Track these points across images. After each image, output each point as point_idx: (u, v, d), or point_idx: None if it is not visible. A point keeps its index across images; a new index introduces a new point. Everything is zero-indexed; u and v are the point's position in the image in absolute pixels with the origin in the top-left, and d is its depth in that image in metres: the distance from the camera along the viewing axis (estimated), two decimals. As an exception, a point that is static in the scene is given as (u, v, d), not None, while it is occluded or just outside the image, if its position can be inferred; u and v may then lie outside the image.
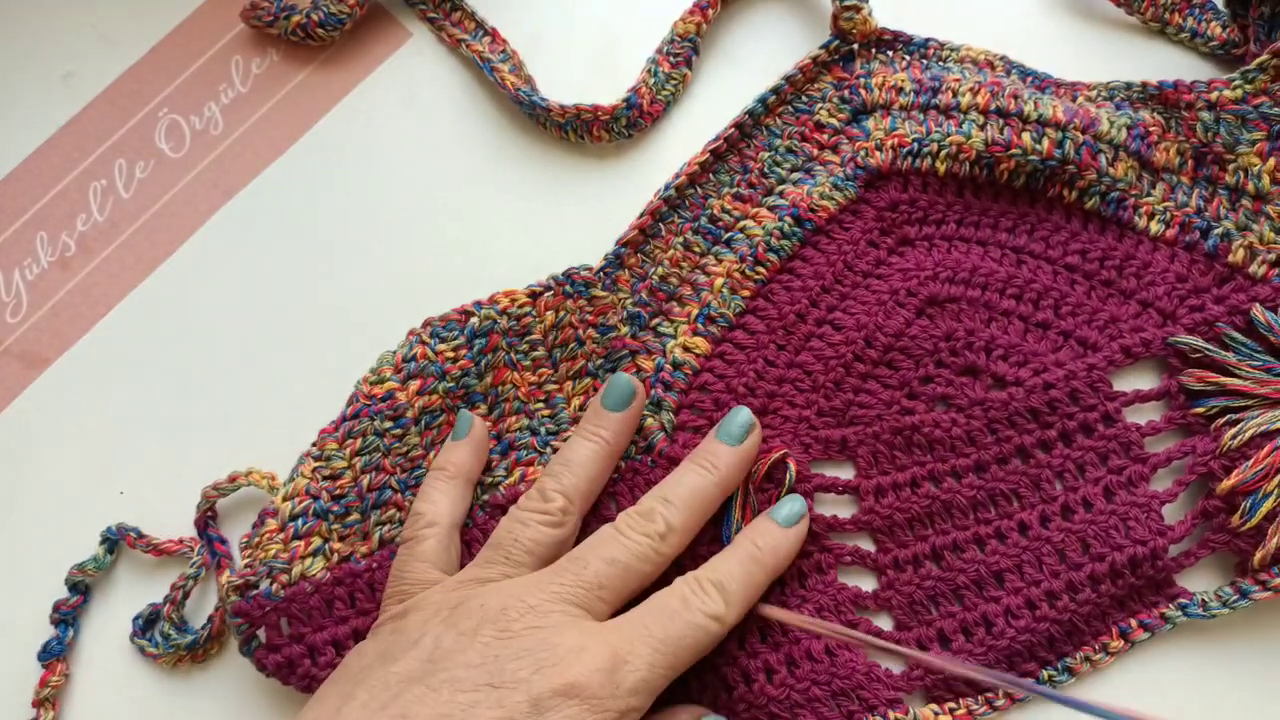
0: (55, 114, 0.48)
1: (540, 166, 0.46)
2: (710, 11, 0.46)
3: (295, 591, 0.38)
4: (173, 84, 0.48)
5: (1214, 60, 0.46)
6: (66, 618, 0.40)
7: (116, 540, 0.41)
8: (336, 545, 0.39)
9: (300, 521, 0.39)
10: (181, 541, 0.41)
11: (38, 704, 0.39)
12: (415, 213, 0.46)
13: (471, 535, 0.40)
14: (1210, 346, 0.40)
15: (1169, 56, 0.46)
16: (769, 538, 0.38)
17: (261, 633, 0.38)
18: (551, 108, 0.45)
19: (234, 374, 0.44)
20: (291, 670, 0.38)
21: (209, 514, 0.41)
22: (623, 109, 0.45)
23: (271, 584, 0.38)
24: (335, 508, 0.39)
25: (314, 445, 0.40)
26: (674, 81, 0.46)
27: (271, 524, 0.39)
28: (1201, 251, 0.42)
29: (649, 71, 0.46)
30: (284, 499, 0.39)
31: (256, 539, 0.39)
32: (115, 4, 0.49)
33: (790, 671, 0.37)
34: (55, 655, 0.40)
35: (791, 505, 0.39)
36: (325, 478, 0.40)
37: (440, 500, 0.39)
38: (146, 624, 0.40)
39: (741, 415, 0.39)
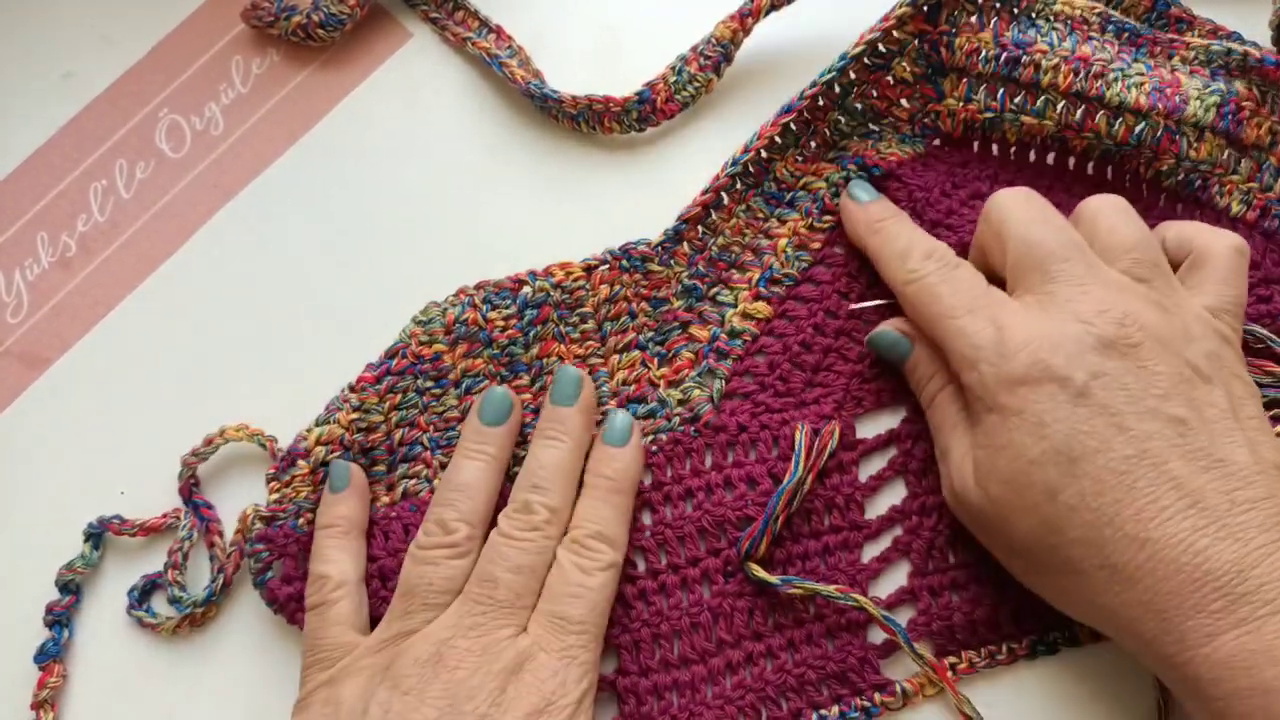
0: (55, 114, 0.48)
1: (542, 165, 0.46)
2: (749, 20, 0.45)
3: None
4: (173, 84, 0.48)
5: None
6: (60, 619, 0.40)
7: (101, 533, 0.41)
8: None
9: None
10: (166, 515, 0.41)
11: (36, 706, 0.39)
12: (416, 212, 0.45)
13: None
14: (1275, 338, 0.39)
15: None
16: (615, 463, 0.39)
17: (276, 567, 0.39)
18: (564, 99, 0.45)
19: (234, 374, 0.44)
20: (300, 605, 0.38)
21: (192, 481, 0.41)
22: (634, 102, 0.45)
23: (298, 519, 0.39)
24: (363, 460, 0.40)
25: (352, 391, 0.41)
26: (696, 84, 0.45)
27: (303, 465, 0.40)
28: (1278, 241, 0.41)
29: (673, 69, 0.45)
30: (317, 442, 0.40)
31: (286, 478, 0.40)
32: (115, 4, 0.49)
33: (790, 656, 0.38)
34: (51, 657, 0.40)
35: (617, 421, 0.40)
36: (360, 430, 0.40)
37: (341, 559, 0.38)
38: (142, 595, 0.41)
39: (569, 374, 0.40)
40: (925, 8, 0.43)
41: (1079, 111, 0.41)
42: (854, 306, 0.41)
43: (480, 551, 0.37)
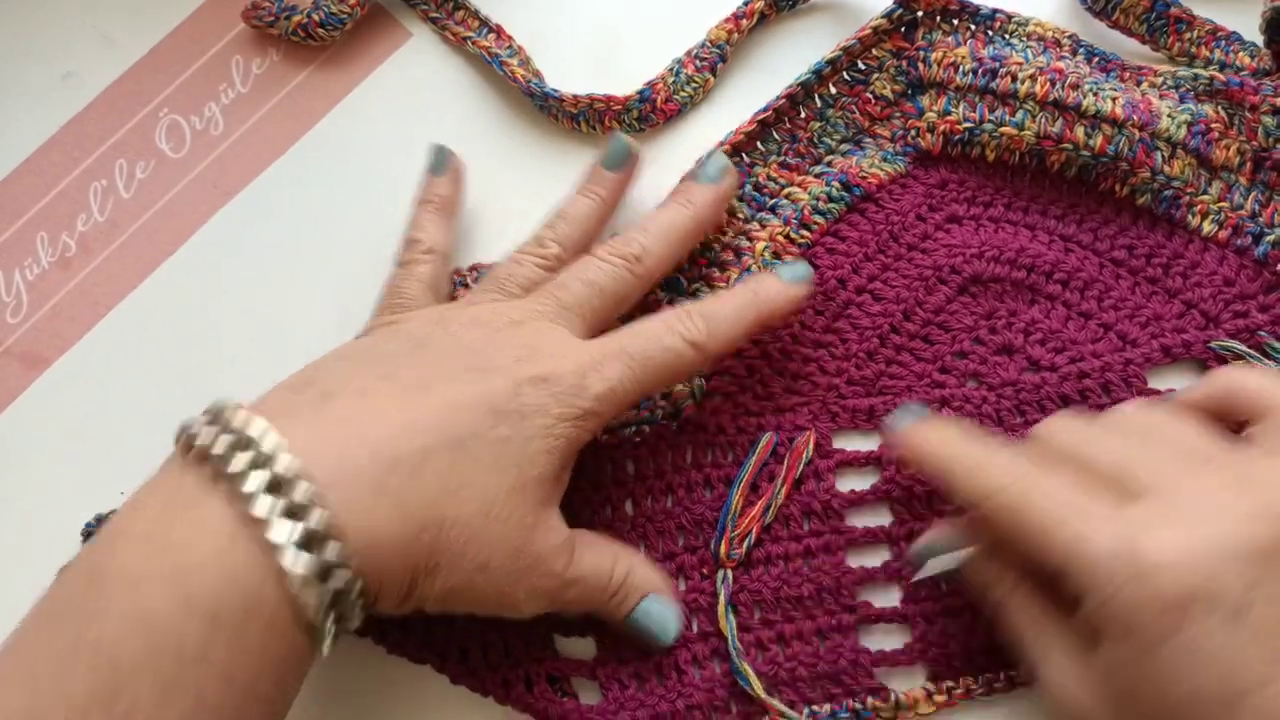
0: (55, 114, 0.48)
1: (543, 164, 0.46)
2: (744, 22, 0.46)
3: None
4: (173, 84, 0.48)
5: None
6: (63, 619, 0.40)
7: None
8: None
9: None
10: None
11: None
12: (416, 213, 0.46)
13: None
14: (1252, 353, 0.40)
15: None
16: (769, 288, 0.39)
17: None
18: (565, 98, 0.45)
19: (234, 374, 0.44)
20: None
21: None
22: (635, 101, 0.45)
23: None
24: None
25: None
26: (694, 84, 0.46)
27: None
28: (1251, 257, 0.41)
29: (671, 70, 0.46)
30: None
31: None
32: (115, 4, 0.49)
33: (781, 650, 0.38)
34: (54, 656, 0.39)
35: (797, 266, 0.40)
36: None
37: (433, 230, 0.41)
38: None
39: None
40: (901, 26, 0.44)
41: (1057, 122, 0.41)
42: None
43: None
